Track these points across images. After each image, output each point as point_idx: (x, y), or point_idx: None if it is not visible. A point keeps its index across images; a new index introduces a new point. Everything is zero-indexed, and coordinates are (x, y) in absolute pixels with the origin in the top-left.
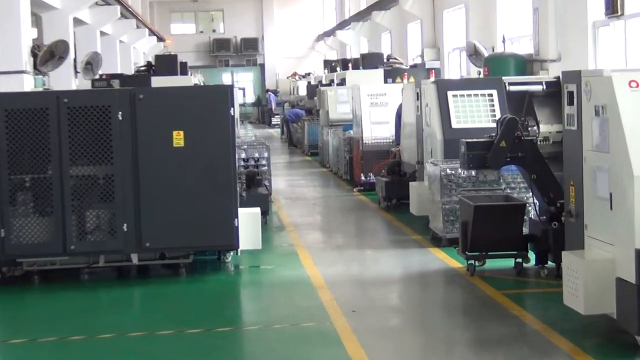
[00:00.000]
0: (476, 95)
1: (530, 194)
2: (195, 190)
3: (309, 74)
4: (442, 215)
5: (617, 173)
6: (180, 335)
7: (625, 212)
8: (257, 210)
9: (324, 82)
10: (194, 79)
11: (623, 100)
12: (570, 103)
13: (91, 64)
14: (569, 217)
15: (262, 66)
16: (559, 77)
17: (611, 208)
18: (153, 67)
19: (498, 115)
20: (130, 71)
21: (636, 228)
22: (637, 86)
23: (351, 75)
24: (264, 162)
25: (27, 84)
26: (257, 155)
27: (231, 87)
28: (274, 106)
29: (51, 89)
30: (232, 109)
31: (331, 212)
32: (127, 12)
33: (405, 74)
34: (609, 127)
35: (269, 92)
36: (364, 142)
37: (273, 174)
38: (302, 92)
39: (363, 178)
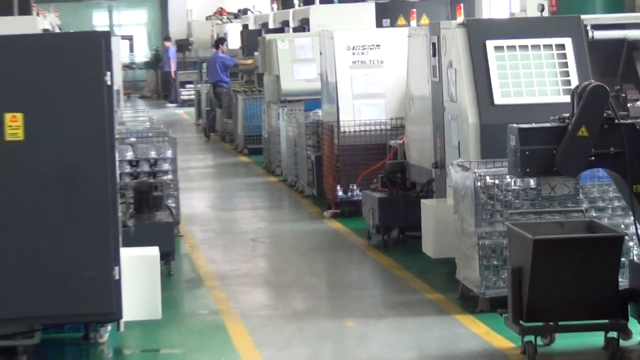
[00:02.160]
0: (536, 47)
1: (632, 219)
2: (42, 218)
3: (245, 11)
4: (479, 257)
5: None
6: None
7: None
8: (155, 251)
9: (271, 25)
10: (43, 21)
11: None
12: None
13: None
14: None
15: None
16: None
17: None
18: None
19: (574, 83)
20: None
21: None
22: None
23: (319, 13)
24: (166, 167)
25: None
26: (154, 155)
27: (107, 35)
28: (173, 68)
29: None
30: (108, 74)
31: (284, 254)
32: None
33: (414, 10)
34: None
35: (168, 44)
36: (343, 130)
37: (183, 187)
38: (234, 43)
39: (341, 193)
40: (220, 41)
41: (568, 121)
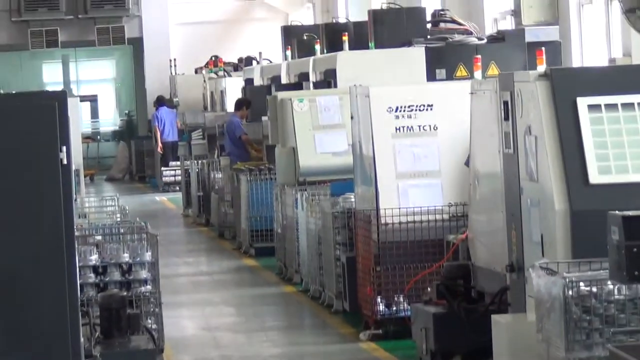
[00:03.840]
0: None
1: None
2: None
3: (248, 62)
4: None
5: None
6: None
7: None
8: None
9: (284, 80)
10: None
11: None
12: None
13: None
14: None
15: (138, 43)
16: None
17: None
18: None
19: None
20: None
21: None
22: None
23: (349, 62)
24: (143, 274)
25: None
26: (127, 258)
27: (62, 95)
28: (160, 133)
29: None
30: (64, 149)
31: None
32: None
33: (478, 56)
34: None
35: (160, 104)
36: (384, 222)
37: (167, 302)
38: (232, 104)
39: (382, 308)
40: (243, 103)
41: None
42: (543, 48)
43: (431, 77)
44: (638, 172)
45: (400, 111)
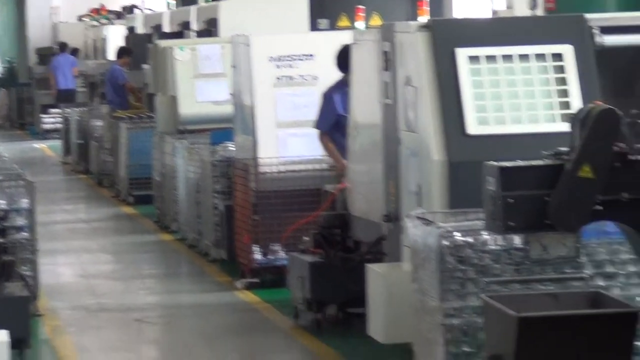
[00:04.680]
0: (525, 57)
1: None
2: None
3: (130, 10)
4: (445, 342)
5: None
6: None
7: None
8: (4, 336)
9: (166, 28)
10: None
11: None
12: None
13: None
14: None
15: None
16: None
17: None
18: None
19: (575, 106)
20: None
21: None
22: None
23: (231, 10)
24: (19, 221)
25: None
26: (3, 205)
27: None
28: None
29: None
30: None
31: (182, 339)
32: None
33: (361, 7)
34: None
35: (62, 51)
36: (263, 170)
37: (44, 249)
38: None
39: (259, 256)
40: (125, 51)
41: (566, 157)
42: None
43: (313, 27)
44: (516, 124)
45: (281, 60)
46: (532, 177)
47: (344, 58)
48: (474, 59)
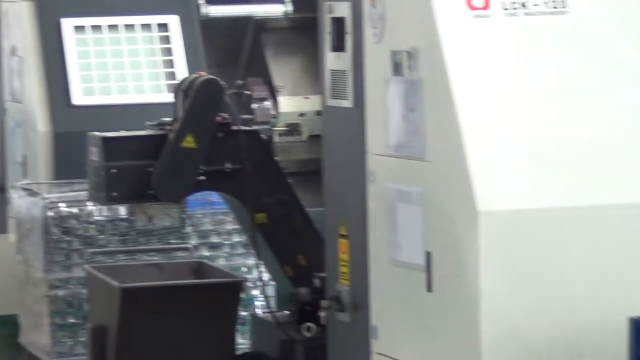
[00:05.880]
0: (131, 27)
1: (255, 259)
2: None
3: None
4: (50, 313)
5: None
6: None
7: None
8: None
9: None
10: None
11: None
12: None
13: None
14: (337, 309)
15: None
16: None
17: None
18: None
19: (179, 75)
20: None
21: None
22: None
23: None
24: None
25: None
26: None
27: None
28: None
29: None
30: None
31: None
32: None
33: None
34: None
35: None
36: None
37: None
38: None
39: None
40: None
41: (169, 128)
42: None
43: None
44: (122, 94)
45: None
46: (135, 148)
47: None
48: (79, 28)
